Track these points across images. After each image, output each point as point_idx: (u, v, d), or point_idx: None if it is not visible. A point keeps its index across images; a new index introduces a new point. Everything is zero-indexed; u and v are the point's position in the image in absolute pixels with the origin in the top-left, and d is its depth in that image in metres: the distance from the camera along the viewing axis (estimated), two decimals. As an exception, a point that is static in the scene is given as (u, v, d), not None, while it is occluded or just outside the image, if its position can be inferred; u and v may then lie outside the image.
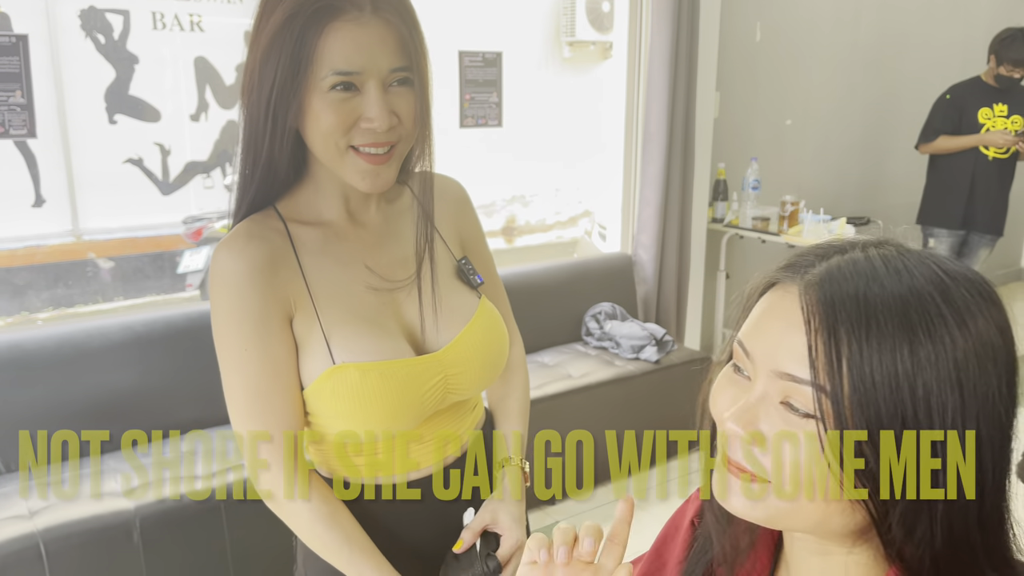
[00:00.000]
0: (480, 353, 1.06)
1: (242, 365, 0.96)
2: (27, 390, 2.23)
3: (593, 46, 7.50)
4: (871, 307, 0.56)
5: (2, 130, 2.30)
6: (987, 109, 3.80)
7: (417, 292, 1.05)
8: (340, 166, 0.95)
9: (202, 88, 5.48)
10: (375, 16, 0.90)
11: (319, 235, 1.01)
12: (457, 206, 1.15)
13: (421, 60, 0.96)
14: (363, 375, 0.96)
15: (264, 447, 0.97)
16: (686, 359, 3.17)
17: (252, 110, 0.94)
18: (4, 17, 4.80)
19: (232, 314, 0.96)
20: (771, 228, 3.75)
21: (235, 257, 0.96)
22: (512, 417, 1.19)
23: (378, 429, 0.99)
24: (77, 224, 5.11)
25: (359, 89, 0.92)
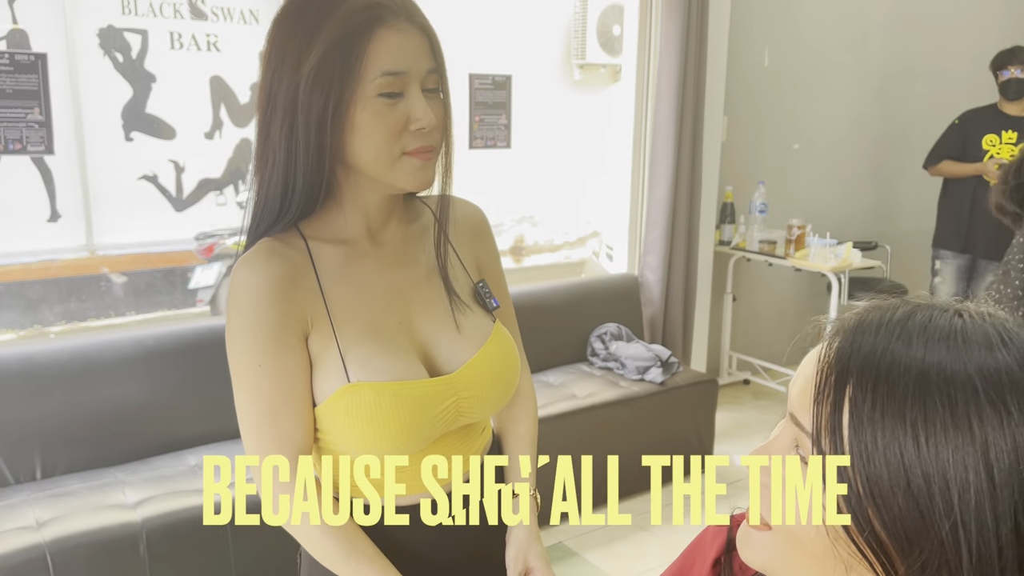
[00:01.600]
0: (493, 376, 1.07)
1: (256, 380, 0.97)
2: (39, 403, 2.27)
3: (603, 69, 7.56)
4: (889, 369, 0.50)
5: (20, 146, 2.35)
6: (993, 136, 3.79)
7: (432, 313, 1.06)
8: (391, 173, 0.97)
9: (217, 107, 5.56)
10: (409, 22, 0.96)
11: (339, 254, 1.03)
12: (476, 231, 1.16)
13: (444, 66, 1.01)
14: (377, 395, 0.97)
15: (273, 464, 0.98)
16: (691, 381, 3.18)
17: (297, 133, 0.94)
18: (22, 34, 4.89)
19: (248, 330, 0.97)
20: (778, 251, 3.77)
21: (255, 273, 0.97)
22: (523, 444, 1.19)
23: (388, 448, 0.99)
24: (91, 239, 5.18)
25: (402, 95, 0.95)
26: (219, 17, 5.39)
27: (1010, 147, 3.75)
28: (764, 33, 4.07)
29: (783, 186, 4.27)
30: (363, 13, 0.93)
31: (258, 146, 1.00)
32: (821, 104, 4.42)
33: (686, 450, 3.22)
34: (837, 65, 4.43)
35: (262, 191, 1.00)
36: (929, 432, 0.48)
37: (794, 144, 4.37)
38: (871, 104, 4.65)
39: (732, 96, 3.94)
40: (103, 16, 5.01)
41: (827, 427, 0.52)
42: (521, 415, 1.20)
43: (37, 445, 2.26)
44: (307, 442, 1.00)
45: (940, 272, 4.04)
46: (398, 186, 0.99)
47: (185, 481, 2.24)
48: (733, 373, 4.26)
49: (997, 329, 0.52)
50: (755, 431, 3.74)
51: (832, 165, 4.56)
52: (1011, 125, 3.76)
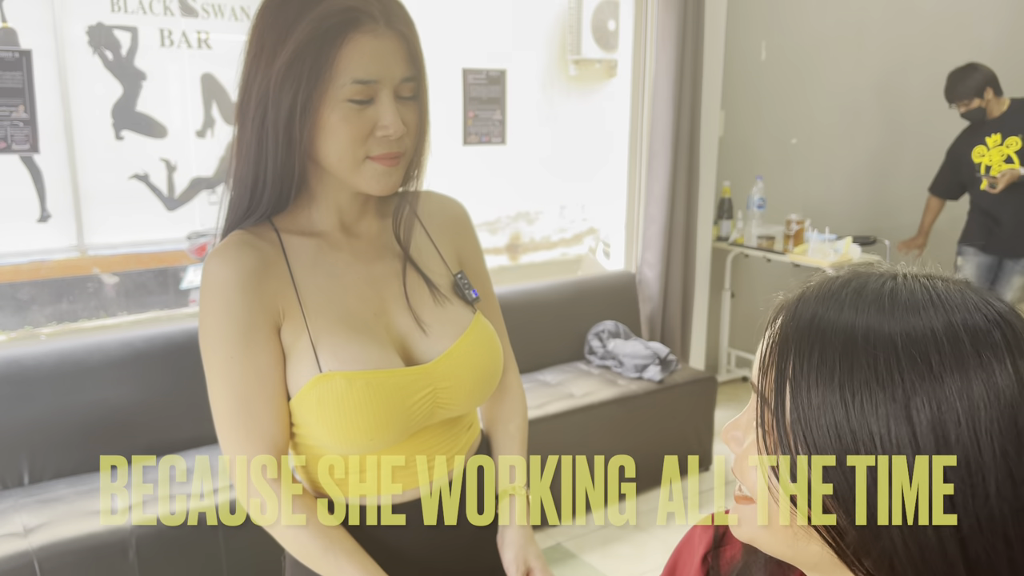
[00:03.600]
0: (471, 367, 1.05)
1: (228, 373, 0.96)
2: (26, 406, 2.22)
3: (599, 64, 7.52)
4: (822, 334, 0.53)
5: (4, 145, 2.31)
6: (981, 147, 3.78)
7: (406, 303, 1.04)
8: (355, 175, 0.97)
9: (208, 104, 5.51)
10: (388, 28, 0.94)
11: (312, 245, 1.02)
12: (456, 225, 1.15)
13: (422, 71, 0.99)
14: (349, 384, 0.95)
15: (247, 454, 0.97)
16: (690, 379, 3.14)
17: (267, 126, 0.94)
18: (10, 32, 4.83)
19: (219, 322, 0.96)
20: (776, 247, 3.73)
21: (225, 265, 0.96)
22: (514, 443, 1.17)
23: (363, 440, 0.97)
24: (82, 239, 5.12)
25: (371, 101, 0.94)
26: (210, 14, 5.33)
27: (999, 149, 3.72)
28: (761, 26, 4.03)
29: (781, 181, 4.24)
30: (339, 16, 0.92)
31: (234, 137, 0.99)
32: (819, 98, 4.39)
33: (685, 449, 3.18)
34: (835, 58, 4.39)
35: (235, 183, 1.00)
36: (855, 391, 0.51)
37: (792, 139, 4.33)
38: (869, 98, 4.62)
39: (729, 90, 3.90)
40: (92, 13, 4.95)
41: (771, 394, 0.54)
42: (511, 413, 1.18)
43: (25, 449, 2.21)
44: (282, 436, 0.99)
45: (961, 269, 3.99)
46: (361, 189, 0.99)
47: (175, 485, 2.19)
48: (732, 370, 4.22)
49: (928, 291, 0.54)
50: (754, 428, 3.70)
51: (830, 159, 4.53)
52: (991, 128, 3.73)
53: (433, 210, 1.13)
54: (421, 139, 1.01)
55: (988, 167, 3.75)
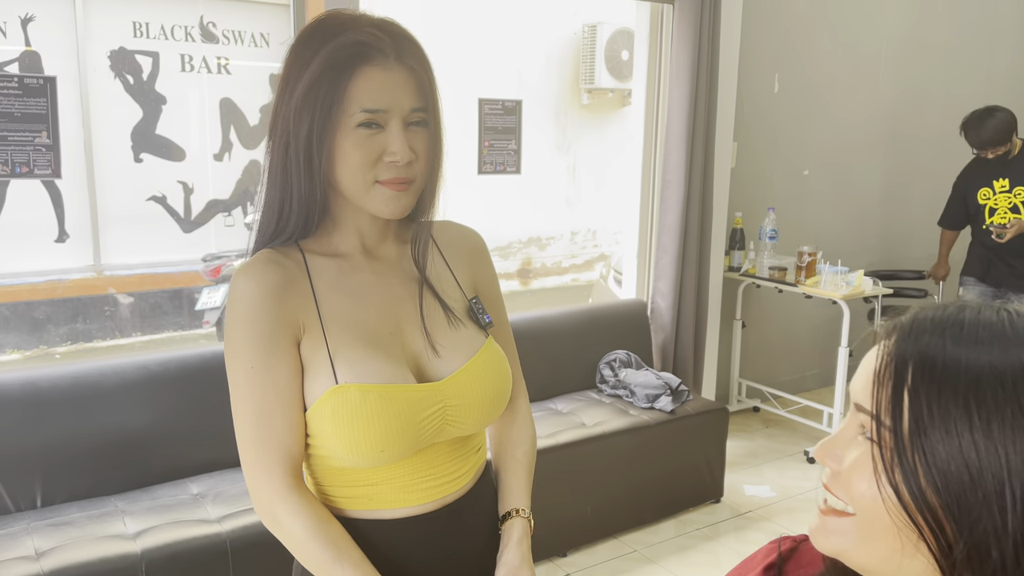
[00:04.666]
0: (481, 388, 1.09)
1: (248, 382, 1.01)
2: (40, 429, 2.24)
3: (611, 93, 7.58)
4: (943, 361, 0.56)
5: (27, 170, 2.34)
6: (987, 189, 3.76)
7: (422, 324, 1.09)
8: (366, 198, 1.02)
9: (226, 128, 5.59)
10: (399, 63, 1.00)
11: (335, 265, 1.07)
12: (473, 255, 1.20)
13: (436, 104, 1.05)
14: (363, 396, 1.00)
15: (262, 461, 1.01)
16: (702, 410, 3.13)
17: (288, 155, 1.01)
18: (34, 55, 4.92)
19: (243, 334, 1.01)
20: (788, 278, 3.73)
21: (250, 280, 1.02)
22: (520, 469, 1.20)
23: (374, 451, 1.01)
24: (99, 259, 5.18)
25: (383, 127, 1.00)
26: (230, 40, 5.42)
27: (1006, 195, 3.71)
28: (774, 59, 4.06)
29: (793, 212, 4.25)
30: (351, 49, 0.98)
31: (264, 164, 1.06)
32: (831, 130, 4.40)
33: (696, 480, 3.17)
34: (848, 90, 4.42)
35: (264, 207, 1.07)
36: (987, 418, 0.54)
37: (804, 170, 4.34)
38: (882, 129, 4.63)
39: (742, 122, 3.92)
40: (115, 38, 5.05)
41: (887, 405, 0.57)
42: (519, 439, 1.22)
43: (38, 472, 2.22)
44: (298, 446, 1.03)
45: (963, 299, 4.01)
46: (372, 211, 1.04)
47: (186, 511, 2.20)
48: (743, 400, 4.21)
49: None
50: (765, 460, 3.68)
51: (842, 191, 4.53)
52: (999, 172, 3.71)
53: (452, 239, 1.18)
54: (434, 167, 1.06)
55: (993, 209, 3.75)
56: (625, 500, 2.97)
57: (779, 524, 3.10)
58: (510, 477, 1.19)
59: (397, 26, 1.03)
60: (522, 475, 1.19)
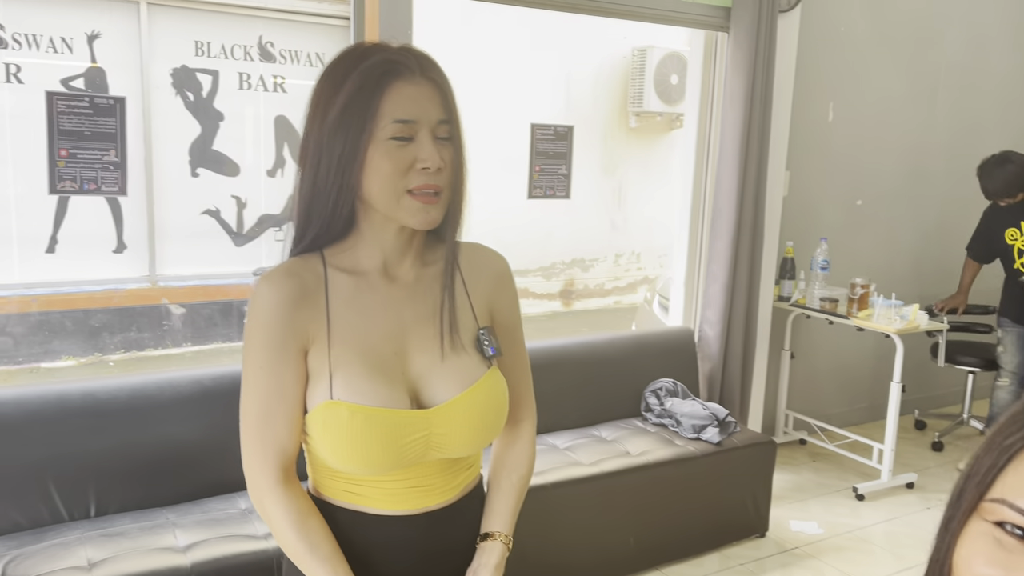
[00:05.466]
0: (470, 419, 1.12)
1: (256, 380, 1.09)
2: (97, 439, 2.29)
3: (660, 117, 7.56)
4: None
5: (95, 187, 2.41)
6: (1014, 229, 3.73)
7: (427, 350, 1.13)
8: (396, 209, 1.08)
9: (280, 145, 5.69)
10: (424, 76, 1.07)
11: (352, 283, 1.13)
12: (495, 280, 1.23)
13: (457, 120, 1.11)
14: (351, 415, 1.06)
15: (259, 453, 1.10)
16: (748, 442, 3.08)
17: (320, 170, 1.07)
18: (100, 71, 5.09)
19: (256, 336, 1.09)
20: (840, 310, 3.67)
21: (270, 289, 1.09)
22: (512, 492, 1.24)
23: (356, 466, 1.09)
24: (154, 270, 5.30)
25: (412, 139, 1.06)
26: (286, 59, 5.54)
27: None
28: (829, 87, 4.02)
29: (845, 243, 4.18)
30: (381, 67, 1.05)
31: (296, 183, 1.13)
32: (886, 160, 4.33)
33: (741, 513, 3.12)
34: (904, 120, 4.34)
35: (295, 221, 1.14)
36: None
37: (857, 200, 4.27)
38: (938, 160, 4.54)
39: (795, 150, 3.88)
40: (177, 56, 5.19)
41: None
42: (517, 463, 1.26)
43: (92, 482, 2.28)
44: (293, 444, 1.11)
45: (1003, 341, 3.95)
46: (403, 222, 1.09)
47: (235, 526, 2.23)
48: (789, 432, 4.13)
49: None
50: (812, 495, 3.61)
51: (897, 222, 4.45)
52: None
53: (475, 262, 1.21)
54: (458, 178, 1.11)
55: (1022, 250, 3.71)
56: (669, 531, 2.93)
57: (826, 562, 3.03)
58: (499, 499, 1.23)
59: (418, 49, 1.11)
60: (511, 499, 1.24)
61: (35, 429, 2.23)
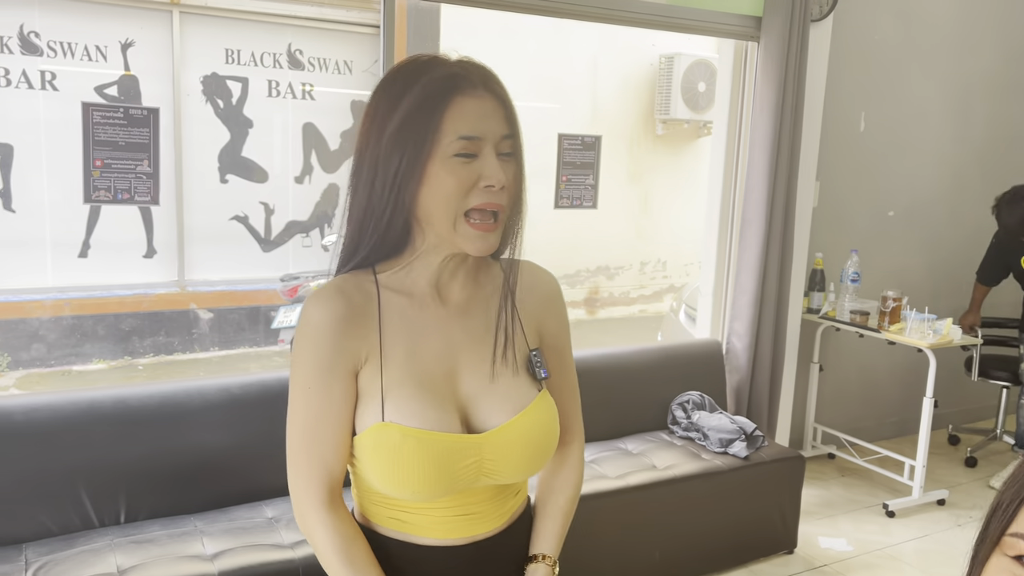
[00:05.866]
0: (522, 445, 1.10)
1: (304, 400, 1.06)
2: (128, 446, 2.31)
3: (687, 124, 7.52)
4: None
5: (128, 196, 2.44)
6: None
7: (479, 372, 1.10)
8: (452, 233, 1.04)
9: (308, 152, 5.74)
10: (486, 91, 1.04)
11: (404, 302, 1.10)
12: (545, 300, 1.20)
13: (519, 132, 1.07)
14: (403, 438, 1.03)
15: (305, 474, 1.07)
16: (777, 456, 3.05)
17: (375, 187, 1.04)
18: (133, 79, 5.16)
19: (306, 356, 1.06)
20: (871, 323, 3.61)
21: (320, 308, 1.06)
22: (559, 515, 1.22)
23: (407, 491, 1.05)
24: (183, 275, 5.37)
25: (476, 155, 1.02)
26: (315, 67, 5.59)
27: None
28: (861, 97, 3.97)
29: (876, 255, 4.12)
30: (443, 82, 1.02)
31: (347, 196, 1.10)
32: (919, 170, 4.27)
33: (768, 529, 3.08)
34: (937, 130, 4.28)
35: (346, 237, 1.11)
36: None
37: (889, 211, 4.22)
38: (973, 171, 4.47)
39: (825, 160, 3.84)
40: (208, 64, 5.25)
41: None
42: (565, 484, 1.24)
43: (123, 488, 2.30)
44: (339, 466, 1.08)
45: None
46: (459, 247, 1.06)
47: (262, 534, 2.24)
48: (817, 446, 4.08)
49: None
50: (841, 510, 3.55)
51: (929, 234, 4.38)
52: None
53: (526, 283, 1.18)
54: (518, 198, 1.08)
55: None
56: (694, 546, 2.90)
57: (855, 580, 2.98)
58: (546, 521, 1.21)
59: (478, 62, 1.07)
60: (558, 521, 1.21)
61: (67, 436, 2.26)
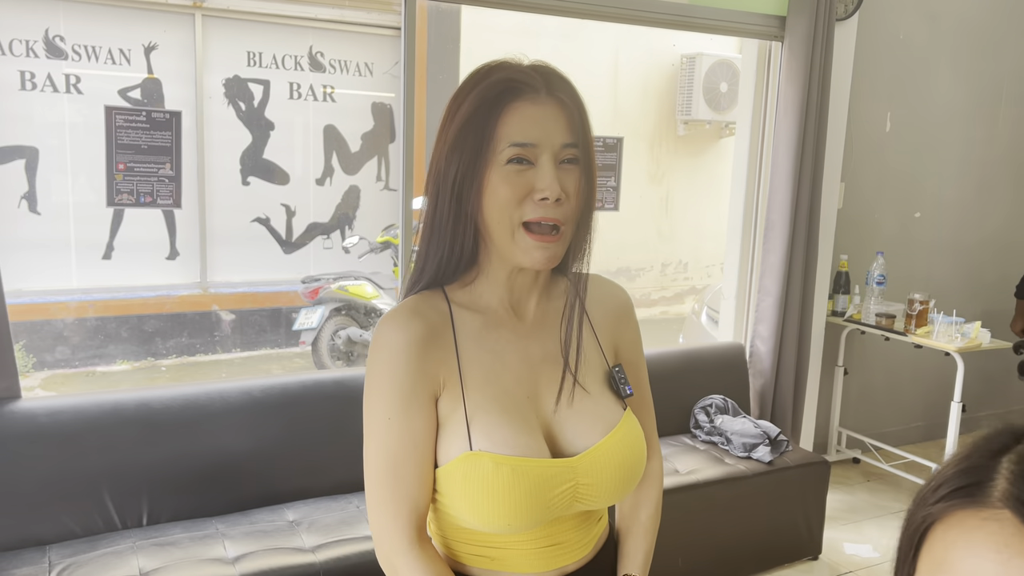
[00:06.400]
0: (615, 467, 1.04)
1: (383, 433, 1.00)
2: (151, 449, 2.32)
3: (708, 125, 7.47)
4: None
5: (151, 199, 2.45)
6: None
7: (559, 390, 1.05)
8: (510, 243, 0.99)
9: (329, 154, 5.76)
10: (549, 96, 0.98)
11: (479, 321, 1.05)
12: (619, 314, 1.16)
13: (588, 143, 1.01)
14: (496, 467, 0.97)
15: (390, 511, 1.00)
16: (801, 461, 3.00)
17: (439, 195, 1.00)
18: (156, 82, 5.20)
19: (383, 384, 1.00)
20: (897, 326, 3.56)
21: (395, 331, 1.01)
22: (642, 531, 1.18)
23: (501, 523, 0.99)
24: (205, 277, 5.41)
25: (533, 164, 0.97)
26: (336, 69, 5.60)
27: None
28: (887, 97, 3.91)
29: (902, 257, 4.06)
30: (501, 86, 0.97)
31: (421, 214, 1.06)
32: (946, 171, 4.20)
33: (793, 535, 3.04)
34: (964, 129, 4.21)
35: (417, 254, 1.07)
36: None
37: (915, 212, 4.15)
38: (1001, 172, 4.39)
39: (850, 161, 3.79)
40: (230, 67, 5.29)
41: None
42: (646, 500, 1.20)
43: (145, 491, 2.31)
44: (425, 500, 1.02)
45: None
46: (517, 260, 1.00)
47: (283, 538, 2.24)
48: (842, 451, 4.02)
49: None
50: (867, 516, 3.50)
51: (957, 236, 4.31)
52: None
53: (598, 297, 1.14)
54: (586, 210, 1.02)
55: None
56: (718, 552, 2.87)
57: (882, 588, 2.93)
58: (632, 540, 1.18)
59: (549, 66, 1.02)
60: (644, 539, 1.18)
61: (91, 438, 2.27)
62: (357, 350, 5.18)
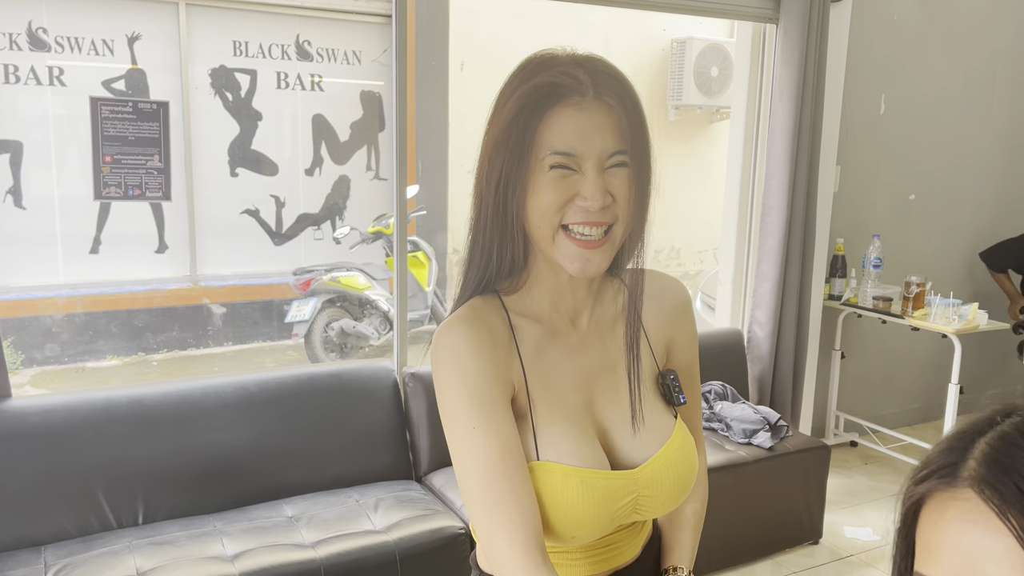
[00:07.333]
0: (674, 477, 1.03)
1: (473, 444, 0.93)
2: (145, 446, 2.28)
3: (700, 110, 7.43)
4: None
5: (139, 192, 2.40)
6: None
7: (616, 401, 1.03)
8: (552, 247, 0.95)
9: (318, 144, 5.69)
10: (596, 100, 0.92)
11: (537, 330, 1.02)
12: (674, 312, 1.11)
13: (640, 144, 0.95)
14: (565, 478, 0.95)
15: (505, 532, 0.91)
16: (801, 446, 2.99)
17: (484, 197, 0.97)
18: (140, 73, 5.11)
19: (456, 392, 0.95)
20: (894, 309, 3.55)
21: (454, 335, 0.97)
22: (687, 525, 1.18)
23: (566, 534, 0.97)
24: (195, 270, 5.34)
25: (577, 170, 0.93)
26: (323, 58, 5.53)
27: None
28: (881, 79, 3.88)
29: (898, 239, 4.05)
30: (545, 89, 0.92)
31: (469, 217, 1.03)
32: (941, 153, 4.19)
33: (794, 520, 3.03)
34: (959, 111, 4.19)
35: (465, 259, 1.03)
36: None
37: (910, 195, 4.14)
38: (996, 153, 4.38)
39: (845, 144, 3.76)
40: (216, 56, 5.20)
41: None
42: (692, 497, 1.19)
43: (141, 489, 2.27)
44: (532, 506, 0.94)
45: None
46: (560, 265, 0.97)
47: (282, 534, 2.21)
48: (839, 434, 4.02)
49: None
50: (866, 499, 3.50)
51: (952, 218, 4.30)
52: None
53: (652, 293, 1.08)
54: (638, 214, 0.97)
55: None
56: (719, 538, 2.85)
57: (883, 571, 2.93)
58: (676, 533, 1.18)
59: (600, 62, 0.95)
60: (688, 533, 1.17)
61: (83, 436, 2.23)
62: (351, 342, 5.14)
